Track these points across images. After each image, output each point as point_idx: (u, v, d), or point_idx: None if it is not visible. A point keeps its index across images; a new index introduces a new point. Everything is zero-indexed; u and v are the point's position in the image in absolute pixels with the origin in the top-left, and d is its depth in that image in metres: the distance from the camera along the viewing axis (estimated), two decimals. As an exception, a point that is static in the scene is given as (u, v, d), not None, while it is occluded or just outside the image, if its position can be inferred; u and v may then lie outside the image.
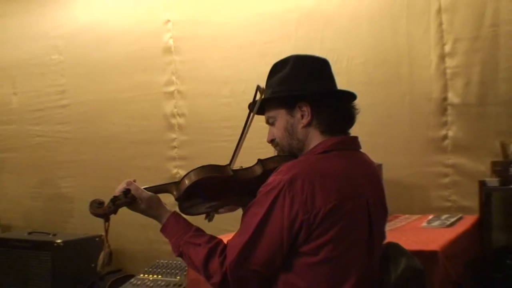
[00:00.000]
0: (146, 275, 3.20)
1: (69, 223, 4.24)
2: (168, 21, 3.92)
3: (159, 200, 1.64)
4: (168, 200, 1.66)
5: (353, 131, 1.63)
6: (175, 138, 3.92)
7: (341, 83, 1.65)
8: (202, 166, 1.62)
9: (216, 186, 1.64)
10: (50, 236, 3.69)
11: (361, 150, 1.65)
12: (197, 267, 1.54)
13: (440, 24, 3.11)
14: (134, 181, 1.65)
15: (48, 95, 4.41)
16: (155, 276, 3.17)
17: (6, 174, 4.63)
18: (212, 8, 3.78)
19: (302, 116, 1.57)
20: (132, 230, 3.57)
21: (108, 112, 4.14)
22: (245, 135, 1.68)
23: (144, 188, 1.64)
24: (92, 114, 4.21)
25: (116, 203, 1.58)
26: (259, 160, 1.67)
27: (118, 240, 3.44)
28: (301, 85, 1.57)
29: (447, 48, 3.10)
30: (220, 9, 3.76)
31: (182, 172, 3.70)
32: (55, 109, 4.38)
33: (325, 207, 1.40)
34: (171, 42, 3.91)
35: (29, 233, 3.82)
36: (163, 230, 1.62)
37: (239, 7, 3.70)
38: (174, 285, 3.03)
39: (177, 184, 1.64)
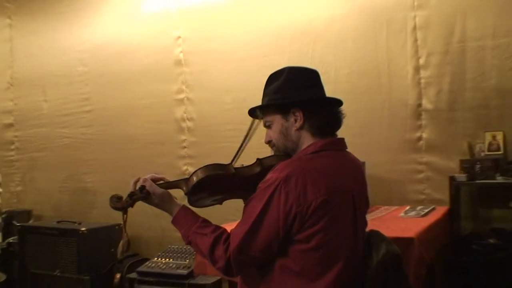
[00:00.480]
0: (159, 259, 3.20)
1: (92, 213, 4.22)
2: (179, 37, 3.90)
3: (170, 195, 1.63)
4: (178, 194, 1.65)
5: (340, 133, 1.62)
6: (185, 139, 3.90)
7: (329, 91, 1.63)
8: (208, 165, 1.61)
9: (220, 182, 1.63)
10: (76, 224, 3.68)
11: (347, 150, 1.63)
12: (204, 254, 1.53)
13: (415, 40, 3.11)
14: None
15: (74, 102, 4.39)
16: (167, 259, 3.17)
17: (38, 170, 4.62)
18: (217, 26, 3.77)
19: (295, 120, 1.55)
20: (147, 219, 3.53)
21: (127, 116, 4.13)
22: (248, 141, 1.66)
23: (157, 185, 1.62)
24: (112, 118, 4.20)
25: (133, 198, 1.58)
26: (258, 159, 1.66)
27: (135, 228, 3.40)
28: (294, 93, 1.55)
29: (421, 61, 3.09)
30: (224, 27, 3.74)
31: (191, 169, 3.70)
32: (80, 114, 4.37)
33: (316, 201, 1.40)
34: (181, 55, 3.90)
35: (58, 222, 3.81)
36: (173, 222, 1.61)
37: (241, 25, 3.68)
38: (184, 267, 3.02)
39: (186, 180, 1.62)
